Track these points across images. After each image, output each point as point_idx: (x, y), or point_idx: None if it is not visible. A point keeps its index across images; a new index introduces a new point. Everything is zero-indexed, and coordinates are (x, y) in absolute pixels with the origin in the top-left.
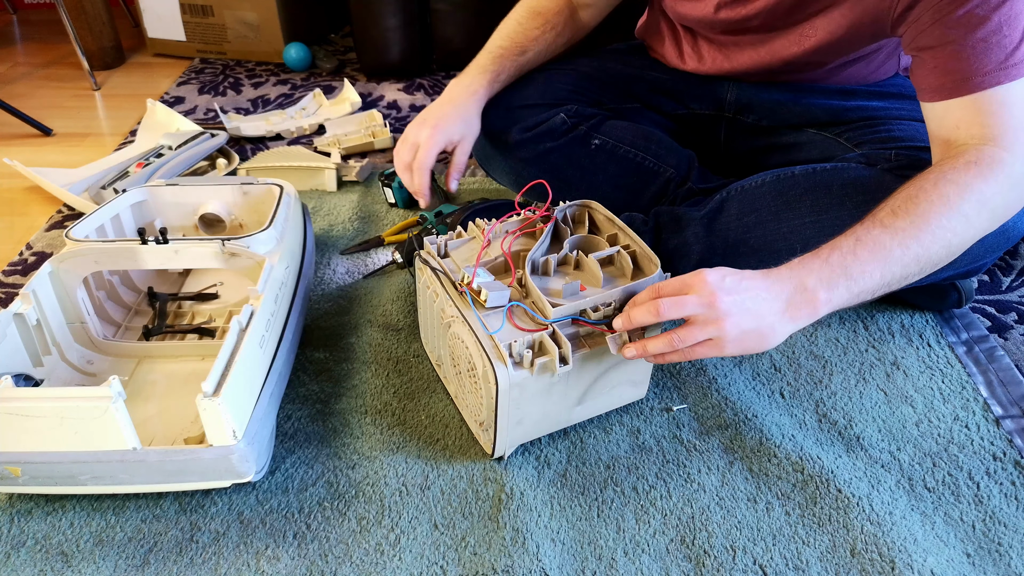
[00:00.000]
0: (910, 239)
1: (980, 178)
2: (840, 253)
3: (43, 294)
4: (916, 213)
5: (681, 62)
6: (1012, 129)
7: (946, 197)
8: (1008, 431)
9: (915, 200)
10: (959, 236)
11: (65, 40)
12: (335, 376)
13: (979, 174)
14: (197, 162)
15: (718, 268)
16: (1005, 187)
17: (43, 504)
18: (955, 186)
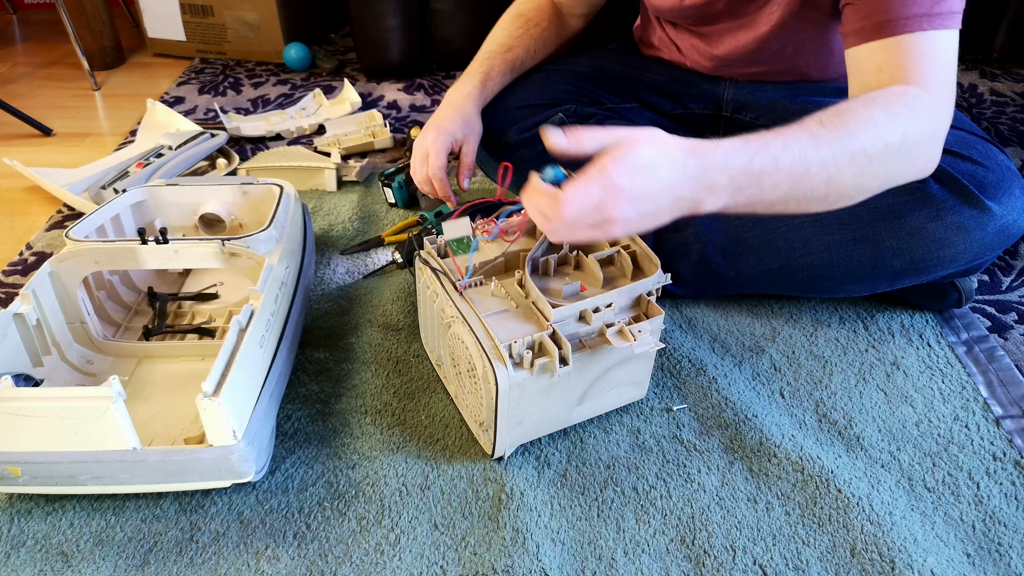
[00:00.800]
0: (831, 159)
1: (908, 112)
2: (765, 157)
3: (43, 294)
4: (844, 127)
5: (680, 56)
6: (936, 77)
7: (874, 119)
8: (1008, 431)
9: (844, 115)
10: (873, 166)
11: (65, 40)
12: (335, 376)
13: (907, 107)
14: (197, 162)
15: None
16: (924, 127)
17: (43, 504)
18: (884, 111)
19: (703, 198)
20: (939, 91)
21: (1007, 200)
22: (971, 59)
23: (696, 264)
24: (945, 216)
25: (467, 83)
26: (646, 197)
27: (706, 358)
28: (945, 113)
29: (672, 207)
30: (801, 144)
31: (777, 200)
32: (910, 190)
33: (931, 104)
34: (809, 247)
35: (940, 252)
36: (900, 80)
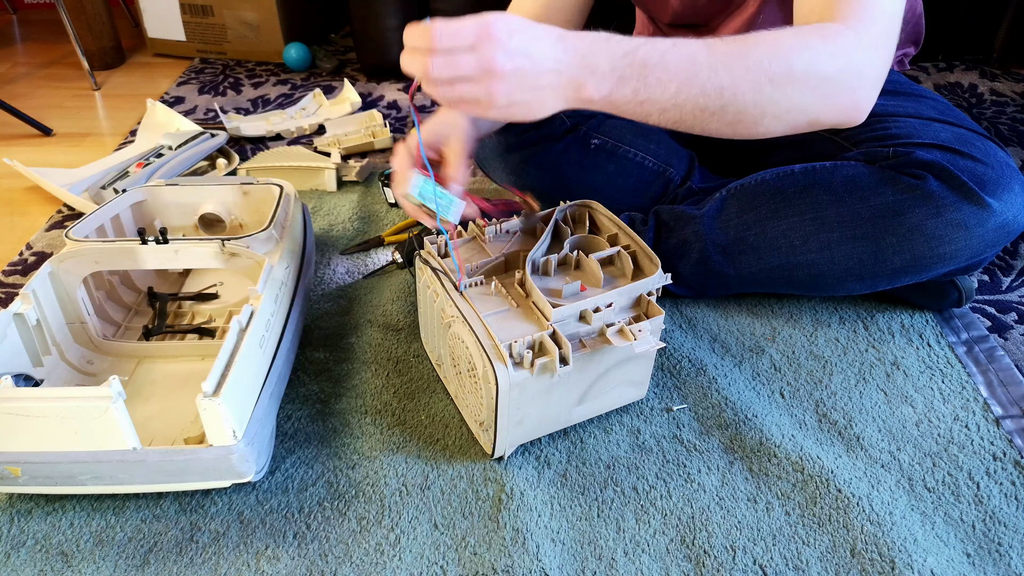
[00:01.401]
0: (723, 67)
1: (822, 40)
2: (650, 49)
3: (43, 294)
4: (743, 42)
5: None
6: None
7: (779, 39)
8: (1008, 431)
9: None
10: (774, 86)
11: (65, 40)
12: (335, 376)
13: (822, 37)
14: (197, 162)
15: (511, 22)
16: (840, 59)
17: (43, 504)
18: (794, 36)
19: (584, 79)
20: (867, 31)
21: (1007, 197)
22: (971, 59)
23: (696, 263)
24: (945, 213)
25: None
26: (524, 55)
27: (706, 358)
28: (871, 54)
29: (553, 84)
30: (692, 47)
31: (668, 103)
32: (910, 187)
33: (853, 40)
34: (809, 244)
35: (940, 249)
36: (829, 18)
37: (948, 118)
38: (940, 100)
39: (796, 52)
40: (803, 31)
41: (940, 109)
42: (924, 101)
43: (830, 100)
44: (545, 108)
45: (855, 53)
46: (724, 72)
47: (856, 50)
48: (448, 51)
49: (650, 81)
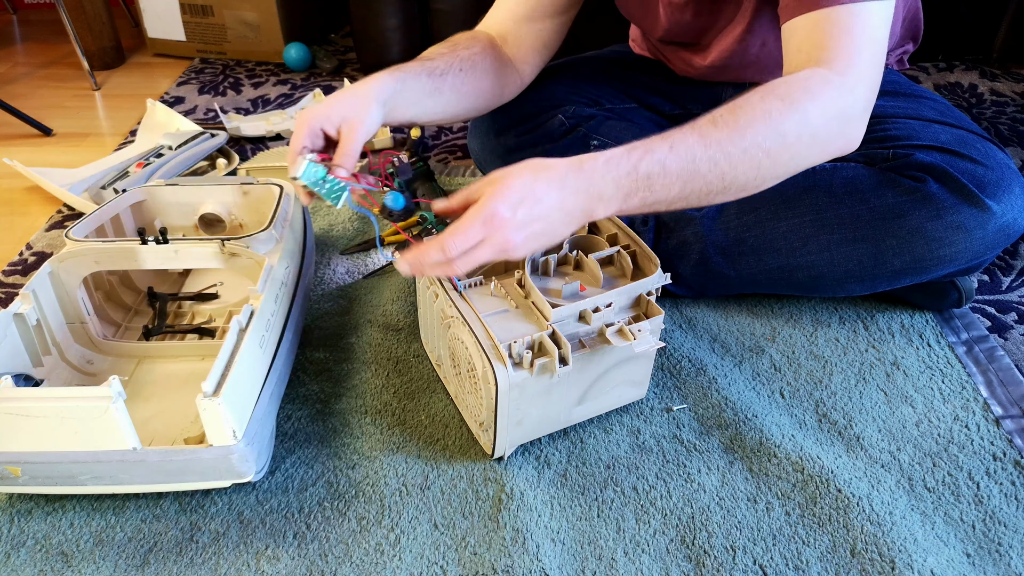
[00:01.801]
0: (722, 157)
1: (808, 96)
2: (651, 162)
3: (43, 294)
4: (735, 125)
5: (673, 67)
6: (849, 56)
7: (768, 112)
8: (1008, 431)
9: (738, 111)
10: (771, 158)
11: (65, 40)
12: (335, 376)
13: (808, 92)
14: (197, 162)
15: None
16: (830, 113)
17: (43, 504)
18: (781, 102)
19: (594, 207)
20: (853, 71)
21: (1007, 199)
22: (971, 59)
23: (696, 264)
24: (945, 215)
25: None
26: (533, 221)
27: (706, 358)
28: (859, 91)
29: (565, 220)
30: (688, 145)
31: (674, 198)
32: (910, 190)
33: (839, 86)
34: (809, 246)
35: (940, 251)
36: (815, 60)
37: (948, 119)
38: (940, 101)
39: (787, 120)
40: (791, 93)
41: (940, 110)
42: (924, 102)
43: (824, 148)
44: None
45: (842, 100)
46: (723, 161)
47: (842, 96)
48: (464, 253)
49: (655, 188)
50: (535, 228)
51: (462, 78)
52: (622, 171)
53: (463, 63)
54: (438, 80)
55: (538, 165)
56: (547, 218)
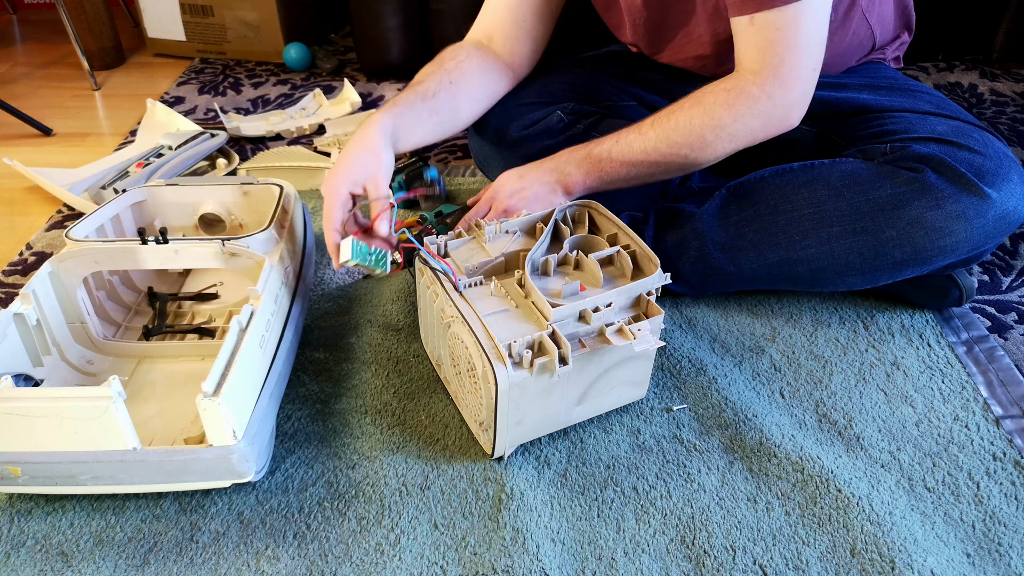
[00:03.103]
0: (653, 150)
1: (725, 106)
2: (600, 151)
3: (43, 294)
4: (666, 127)
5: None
6: (773, 64)
7: (691, 119)
8: (1008, 431)
9: (671, 115)
10: (696, 152)
11: (65, 40)
12: (335, 376)
13: (726, 103)
14: (197, 162)
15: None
16: (748, 117)
17: (43, 504)
18: (702, 110)
19: (564, 180)
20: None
21: (1006, 187)
22: (971, 59)
23: (695, 261)
24: (945, 205)
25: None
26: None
27: (706, 358)
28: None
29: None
30: (629, 140)
31: (626, 178)
32: (908, 180)
33: (755, 94)
34: (809, 240)
35: (941, 241)
36: (744, 64)
37: (944, 111)
38: (935, 94)
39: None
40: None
41: (936, 103)
42: (919, 95)
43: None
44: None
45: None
46: (654, 153)
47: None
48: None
49: (606, 169)
50: (525, 195)
51: (453, 91)
52: (580, 155)
53: (451, 75)
54: (431, 101)
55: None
56: (532, 189)
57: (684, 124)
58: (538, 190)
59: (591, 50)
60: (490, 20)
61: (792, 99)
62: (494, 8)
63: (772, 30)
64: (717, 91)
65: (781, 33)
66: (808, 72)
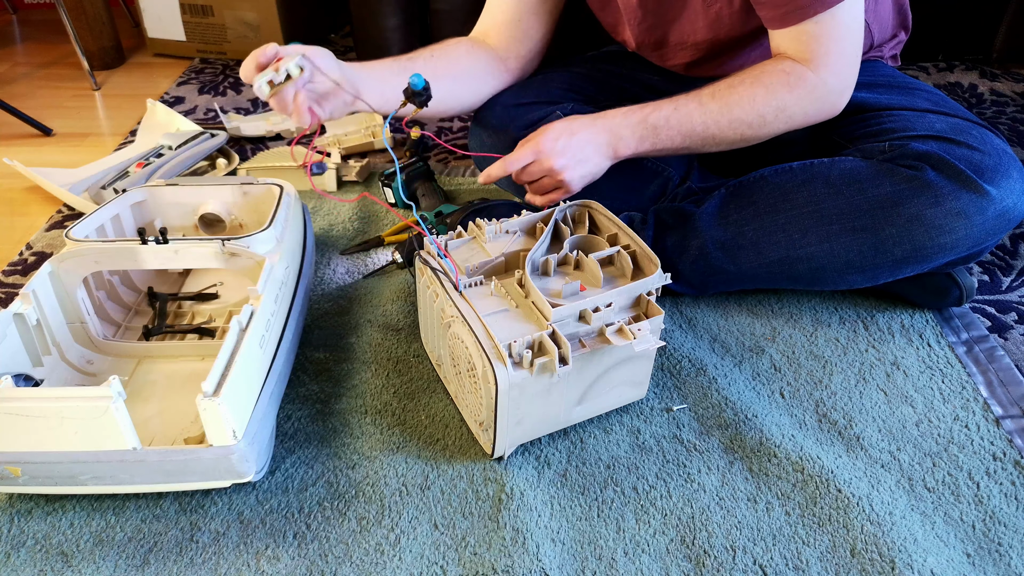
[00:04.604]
0: (712, 123)
1: (786, 88)
2: (658, 116)
3: (43, 294)
4: (728, 101)
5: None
6: (821, 55)
7: (754, 97)
8: (1008, 431)
9: (731, 90)
10: (753, 130)
11: (65, 40)
12: (335, 376)
13: (786, 84)
14: (197, 162)
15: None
16: (805, 101)
17: (43, 504)
18: (765, 89)
19: (616, 143)
20: (825, 63)
21: (1005, 184)
22: (971, 59)
23: (696, 260)
24: (944, 202)
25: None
26: (574, 152)
27: (706, 358)
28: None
29: (596, 150)
30: (689, 109)
31: (677, 147)
32: (907, 178)
33: (810, 79)
34: (808, 238)
35: (941, 239)
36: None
37: (943, 108)
38: (934, 91)
39: (767, 105)
40: (772, 84)
41: (934, 100)
42: (918, 93)
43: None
44: (601, 167)
45: (815, 91)
46: (713, 126)
47: (816, 88)
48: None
49: (661, 137)
50: (575, 155)
51: (432, 63)
52: (635, 119)
53: (433, 51)
54: (405, 63)
55: (569, 118)
56: (582, 148)
57: (747, 101)
58: (588, 150)
59: (591, 50)
60: (488, 18)
61: (842, 86)
62: (493, 7)
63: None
64: (776, 72)
65: (823, 27)
66: (854, 59)
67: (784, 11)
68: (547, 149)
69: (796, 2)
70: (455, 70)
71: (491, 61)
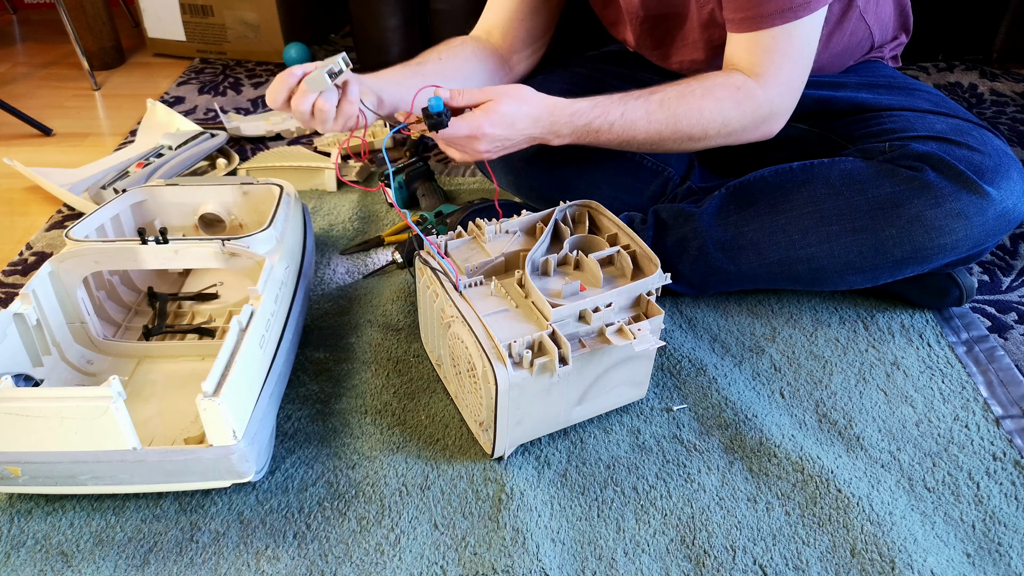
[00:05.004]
0: (655, 132)
1: (734, 103)
2: (602, 121)
3: (43, 294)
4: (676, 113)
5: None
6: (773, 72)
7: (702, 109)
8: (1008, 431)
9: (681, 100)
10: (693, 142)
11: (65, 40)
12: (335, 376)
13: (735, 99)
14: (197, 162)
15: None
16: (748, 119)
17: (43, 504)
18: (714, 102)
19: (550, 139)
20: (773, 81)
21: (1005, 185)
22: (971, 59)
23: (696, 260)
24: (944, 203)
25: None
26: (504, 139)
27: (706, 358)
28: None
29: (525, 142)
30: (635, 116)
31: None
32: (907, 179)
33: (759, 96)
34: (808, 238)
35: (941, 240)
36: (746, 70)
37: (943, 109)
38: (934, 92)
39: (713, 119)
40: (722, 98)
41: (934, 101)
42: (918, 94)
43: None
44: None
45: (761, 108)
46: (655, 135)
47: (762, 105)
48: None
49: (600, 139)
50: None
51: (442, 67)
52: (580, 122)
53: (441, 54)
54: (416, 68)
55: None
56: (513, 139)
57: (695, 113)
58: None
59: (591, 50)
60: (490, 17)
61: (784, 108)
62: (495, 6)
63: (768, 39)
64: (728, 85)
65: (778, 42)
66: (799, 83)
67: (745, 15)
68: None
69: (758, 9)
70: (464, 71)
71: (496, 61)
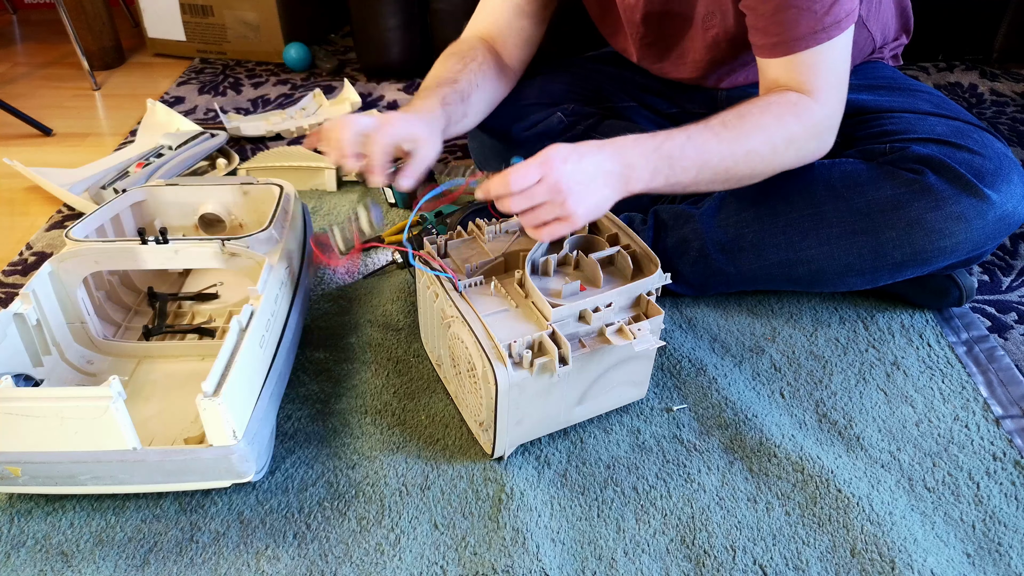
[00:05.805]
0: (728, 154)
1: (795, 119)
2: (672, 145)
3: (43, 294)
4: (741, 131)
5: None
6: (821, 88)
7: (767, 127)
8: (1008, 431)
9: (744, 119)
10: (764, 162)
11: (65, 40)
12: (335, 376)
13: (795, 115)
14: (197, 162)
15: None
16: (810, 133)
17: (43, 504)
18: (776, 120)
19: (628, 175)
20: (825, 97)
21: (1006, 188)
22: (971, 59)
23: (696, 261)
24: (944, 206)
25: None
26: (579, 172)
27: (706, 358)
28: (827, 112)
29: (606, 181)
30: (704, 139)
31: (690, 182)
32: (908, 181)
33: (816, 111)
34: (808, 240)
35: (940, 242)
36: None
37: (944, 111)
38: (935, 93)
39: (778, 134)
40: (782, 114)
41: (935, 103)
42: (919, 95)
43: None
44: (609, 201)
45: (817, 121)
46: (728, 158)
47: (822, 118)
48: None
49: (676, 169)
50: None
51: (479, 95)
52: (648, 147)
53: (478, 79)
54: (467, 104)
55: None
56: (592, 176)
57: (760, 130)
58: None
59: (591, 51)
60: (488, 24)
61: (837, 122)
62: (491, 12)
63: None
64: (784, 102)
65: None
66: (844, 96)
67: (777, 40)
68: (556, 169)
69: (789, 33)
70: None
71: (507, 74)
